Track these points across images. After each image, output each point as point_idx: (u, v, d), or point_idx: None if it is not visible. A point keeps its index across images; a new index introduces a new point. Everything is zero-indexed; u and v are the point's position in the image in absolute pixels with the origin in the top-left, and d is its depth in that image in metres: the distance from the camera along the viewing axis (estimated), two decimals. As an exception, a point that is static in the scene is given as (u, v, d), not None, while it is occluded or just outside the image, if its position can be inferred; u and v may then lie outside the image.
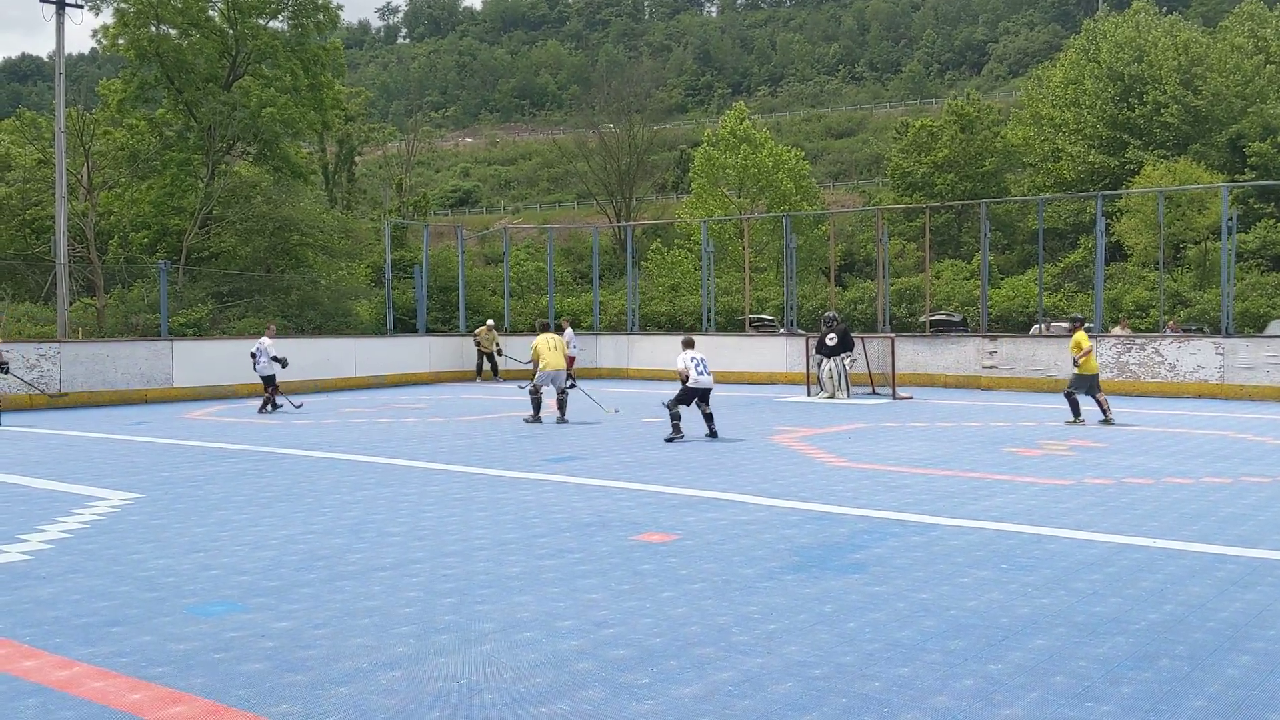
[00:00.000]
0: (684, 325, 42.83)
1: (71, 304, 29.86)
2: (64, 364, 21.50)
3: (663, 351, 29.61)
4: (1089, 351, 16.54)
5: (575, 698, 4.75)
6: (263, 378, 19.64)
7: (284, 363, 19.72)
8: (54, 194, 27.50)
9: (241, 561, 7.43)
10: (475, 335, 29.07)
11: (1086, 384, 16.52)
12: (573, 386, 23.94)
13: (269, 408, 19.46)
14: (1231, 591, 6.49)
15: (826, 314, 23.30)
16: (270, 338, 20.17)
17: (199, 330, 31.26)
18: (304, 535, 8.31)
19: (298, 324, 35.59)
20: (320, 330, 35.49)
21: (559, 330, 25.14)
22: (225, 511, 9.36)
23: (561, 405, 16.96)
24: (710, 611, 6.10)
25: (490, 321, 29.54)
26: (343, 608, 6.23)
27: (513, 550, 7.71)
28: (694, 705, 4.66)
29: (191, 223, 36.08)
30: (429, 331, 32.88)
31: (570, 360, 25.26)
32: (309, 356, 26.33)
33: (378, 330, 37.13)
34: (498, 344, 28.69)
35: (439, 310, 40.52)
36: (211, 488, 10.71)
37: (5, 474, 11.83)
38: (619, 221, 59.07)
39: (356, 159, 59.32)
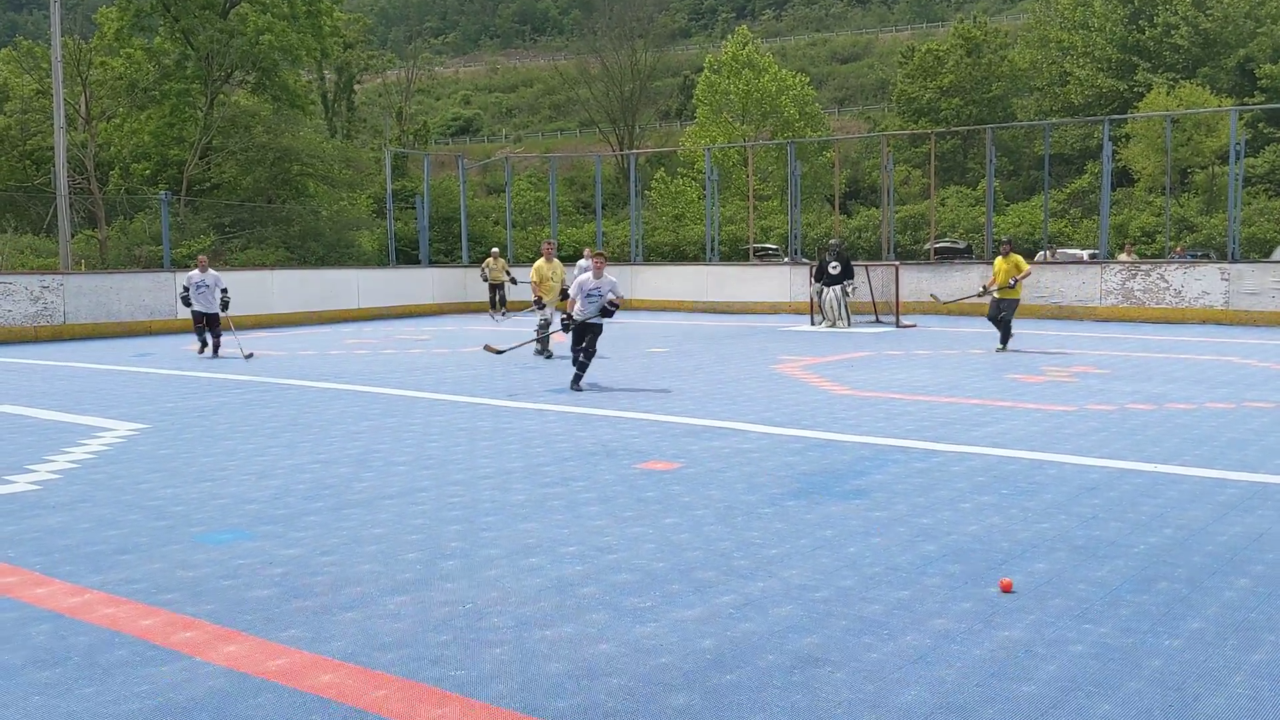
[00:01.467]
0: (688, 255, 42.72)
1: (73, 236, 29.77)
2: (67, 296, 21.51)
3: (667, 282, 29.57)
4: (1028, 274, 16.68)
5: (579, 620, 4.82)
6: (210, 314, 17.20)
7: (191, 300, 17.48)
8: (53, 125, 27.29)
9: (249, 490, 7.49)
10: (484, 267, 27.61)
11: (1015, 308, 16.63)
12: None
13: (213, 350, 17.20)
14: (1231, 516, 6.53)
15: (830, 241, 23.19)
16: (201, 270, 17.39)
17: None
18: (311, 465, 8.36)
19: (300, 255, 35.52)
20: (323, 261, 35.44)
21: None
22: (232, 441, 9.42)
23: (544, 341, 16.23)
24: (712, 537, 6.16)
25: (496, 250, 28.39)
26: (350, 535, 6.29)
27: (517, 479, 7.77)
28: (696, 627, 4.72)
29: (192, 153, 35.85)
30: (431, 263, 32.73)
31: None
32: (313, 288, 26.36)
33: (380, 261, 37.08)
34: (508, 273, 27.44)
35: (441, 241, 40.31)
36: (218, 418, 10.76)
37: (12, 405, 11.90)
38: (622, 150, 58.57)
39: (356, 87, 58.69)
